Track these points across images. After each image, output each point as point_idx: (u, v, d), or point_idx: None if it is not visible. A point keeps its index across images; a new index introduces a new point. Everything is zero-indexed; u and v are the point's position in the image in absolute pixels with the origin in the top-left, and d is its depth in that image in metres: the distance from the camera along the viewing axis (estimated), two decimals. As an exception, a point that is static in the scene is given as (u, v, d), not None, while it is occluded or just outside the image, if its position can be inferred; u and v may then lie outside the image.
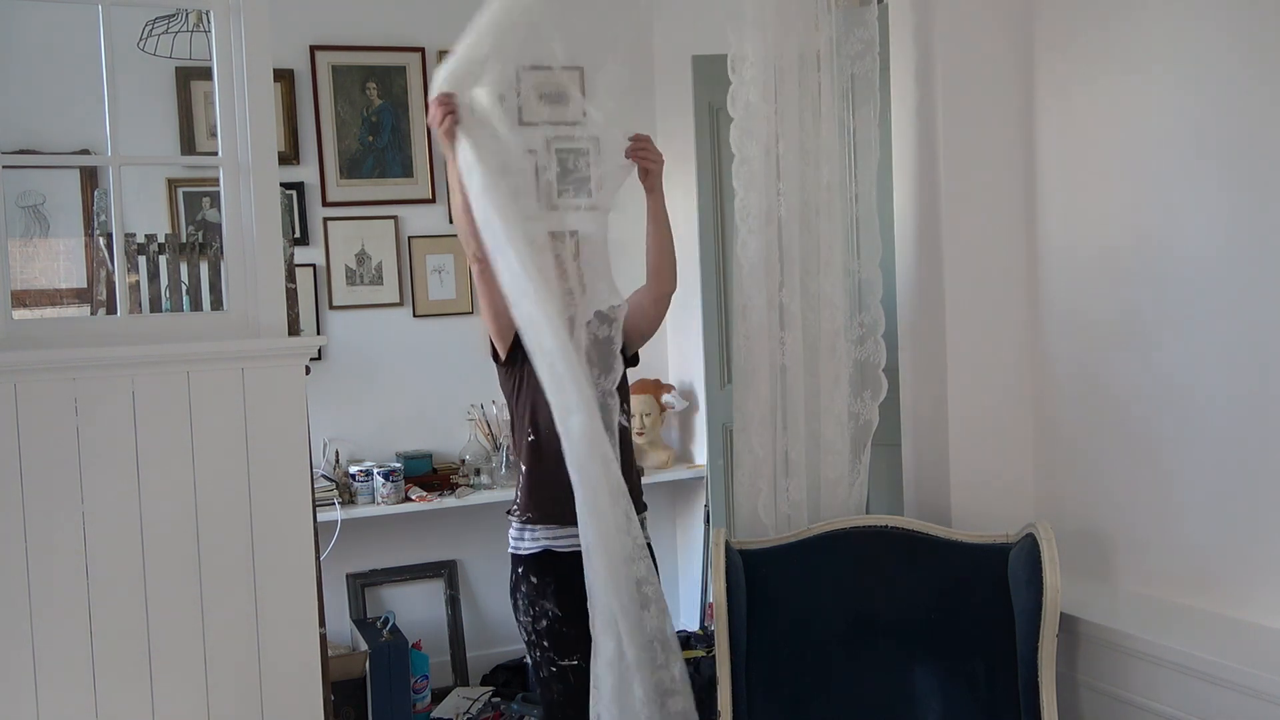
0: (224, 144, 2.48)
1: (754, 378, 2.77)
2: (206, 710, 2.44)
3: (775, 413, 2.78)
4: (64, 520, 2.33)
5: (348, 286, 4.35)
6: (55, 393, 2.32)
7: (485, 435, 4.34)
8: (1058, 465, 2.83)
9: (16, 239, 3.84)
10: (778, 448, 2.79)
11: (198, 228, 4.03)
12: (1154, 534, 2.59)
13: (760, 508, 2.77)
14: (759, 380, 2.76)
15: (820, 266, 2.78)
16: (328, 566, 3.70)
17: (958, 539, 2.65)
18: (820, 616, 2.62)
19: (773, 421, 2.78)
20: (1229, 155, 2.36)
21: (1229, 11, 2.35)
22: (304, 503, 2.53)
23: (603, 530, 2.42)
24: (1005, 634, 2.51)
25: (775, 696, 2.57)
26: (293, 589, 2.51)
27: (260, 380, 2.47)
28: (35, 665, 2.31)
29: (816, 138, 2.75)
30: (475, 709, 4.10)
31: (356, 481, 4.09)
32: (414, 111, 4.39)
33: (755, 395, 2.76)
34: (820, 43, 2.73)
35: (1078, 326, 2.75)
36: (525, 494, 2.79)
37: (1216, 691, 2.23)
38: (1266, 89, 2.28)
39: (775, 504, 2.78)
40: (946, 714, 2.51)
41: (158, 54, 3.62)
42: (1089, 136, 2.69)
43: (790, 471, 2.78)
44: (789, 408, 2.78)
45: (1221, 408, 2.41)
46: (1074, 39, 2.70)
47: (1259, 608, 2.37)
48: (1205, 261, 2.42)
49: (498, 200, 2.41)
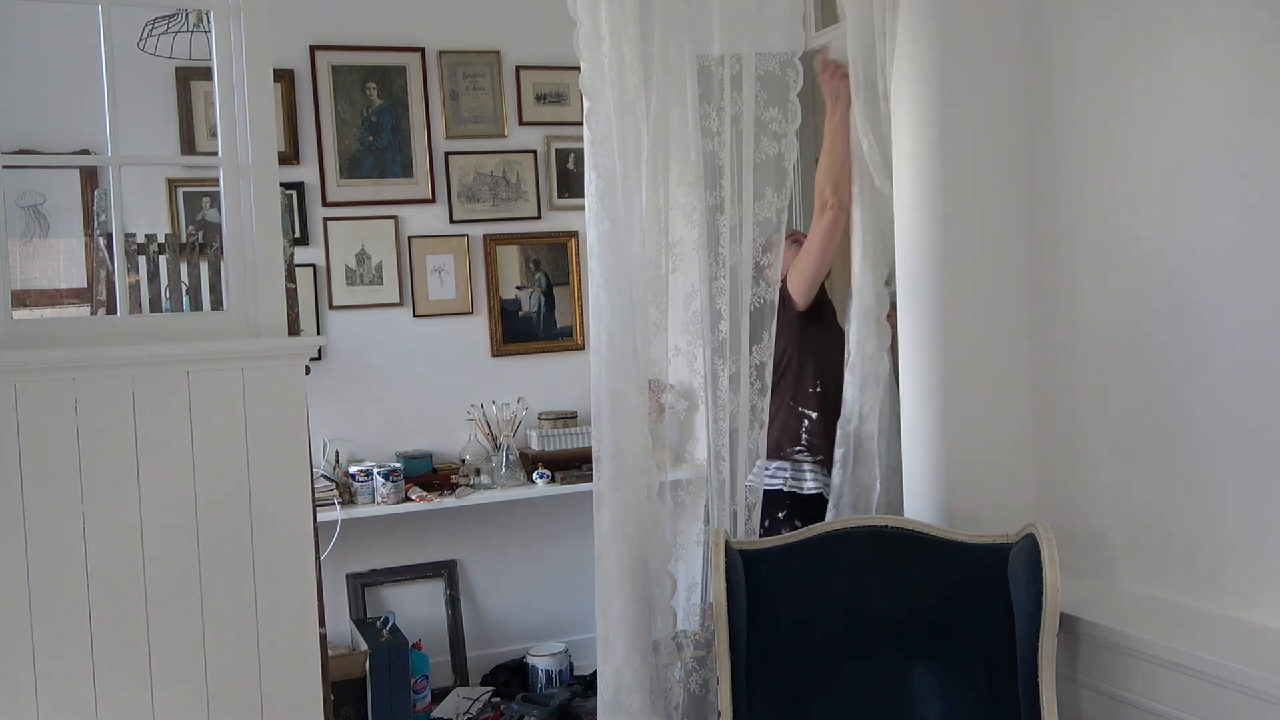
0: (224, 144, 2.48)
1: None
2: (206, 710, 2.44)
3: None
4: (64, 520, 2.33)
5: (348, 286, 4.35)
6: (55, 393, 2.32)
7: (485, 435, 4.35)
8: (1058, 465, 2.83)
9: (16, 239, 3.84)
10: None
11: (198, 228, 4.03)
12: (1154, 534, 2.59)
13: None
14: None
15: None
16: (328, 566, 3.70)
17: (958, 539, 2.65)
18: (820, 616, 2.62)
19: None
20: (1239, 150, 2.36)
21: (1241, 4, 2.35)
22: (304, 503, 2.53)
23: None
24: (1005, 634, 2.51)
25: (775, 697, 2.57)
26: (293, 589, 2.51)
27: (260, 380, 2.47)
28: (35, 665, 2.31)
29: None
30: (475, 709, 4.10)
31: (356, 481, 4.09)
32: (414, 111, 4.39)
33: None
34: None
35: (1078, 326, 2.75)
36: (815, 437, 3.24)
37: (1216, 691, 2.23)
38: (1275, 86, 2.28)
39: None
40: (946, 714, 2.51)
41: (158, 54, 3.62)
42: (1090, 133, 2.68)
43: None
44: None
45: (1222, 408, 2.41)
46: (1082, 28, 2.70)
47: (1260, 608, 2.37)
48: (1209, 261, 2.42)
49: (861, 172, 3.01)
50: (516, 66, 4.54)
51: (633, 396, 2.80)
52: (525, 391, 4.48)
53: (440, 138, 4.45)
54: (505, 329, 4.56)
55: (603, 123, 2.76)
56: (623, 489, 2.80)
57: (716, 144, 2.91)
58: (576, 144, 4.42)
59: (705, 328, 2.95)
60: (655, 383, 2.93)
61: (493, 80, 4.50)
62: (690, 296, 2.96)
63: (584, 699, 4.03)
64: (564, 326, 4.66)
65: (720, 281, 2.94)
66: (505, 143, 4.54)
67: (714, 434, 2.99)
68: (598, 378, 2.80)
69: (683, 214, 2.92)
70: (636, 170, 2.81)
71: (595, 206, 2.78)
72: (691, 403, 4.26)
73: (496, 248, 4.55)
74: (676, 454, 4.39)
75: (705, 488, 3.05)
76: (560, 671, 4.25)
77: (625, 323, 2.79)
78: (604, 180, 2.77)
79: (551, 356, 4.62)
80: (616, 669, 2.79)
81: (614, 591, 2.80)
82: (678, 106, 2.87)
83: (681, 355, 3.01)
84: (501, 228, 4.55)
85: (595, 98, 2.76)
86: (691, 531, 3.14)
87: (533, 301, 4.62)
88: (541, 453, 4.35)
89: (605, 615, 2.81)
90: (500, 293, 4.55)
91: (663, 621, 2.86)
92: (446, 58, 4.44)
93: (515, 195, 4.56)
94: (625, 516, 2.80)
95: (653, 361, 2.88)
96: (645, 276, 2.83)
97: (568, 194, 4.61)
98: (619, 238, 2.78)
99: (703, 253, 2.92)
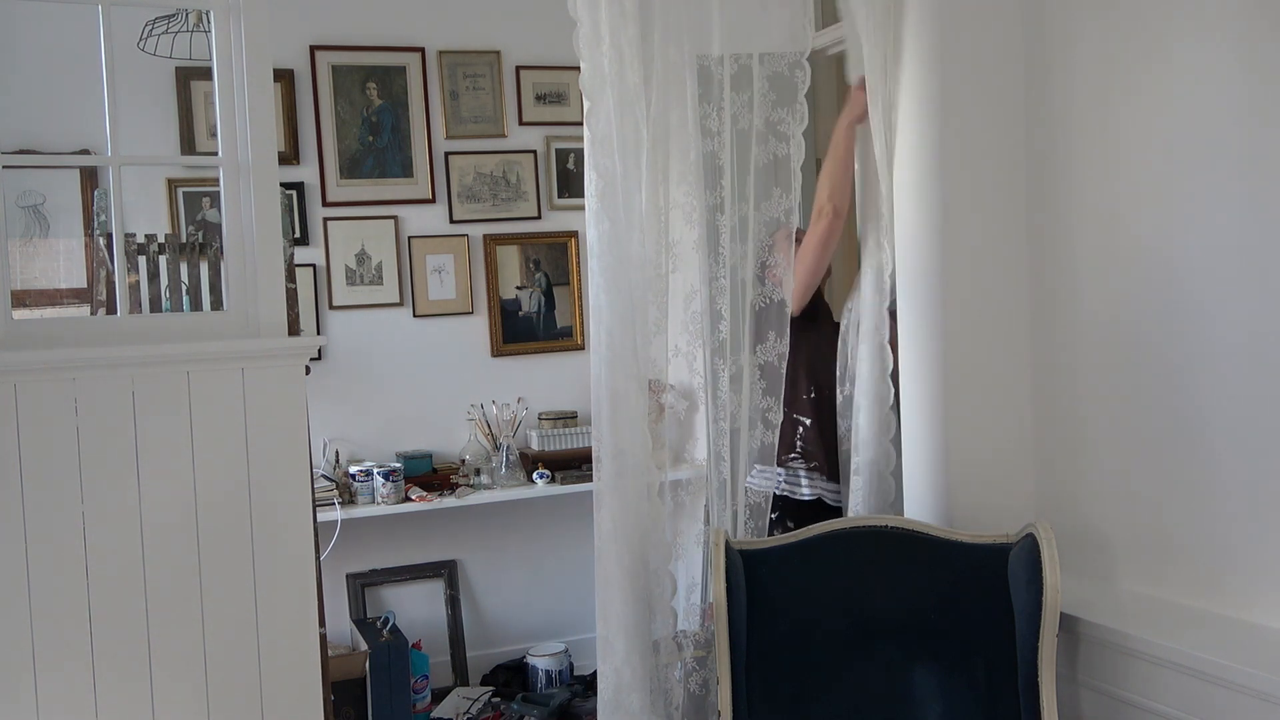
0: (224, 144, 2.48)
1: None
2: (206, 710, 2.44)
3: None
4: (64, 520, 2.33)
5: (348, 286, 4.35)
6: (55, 393, 2.32)
7: (485, 435, 4.35)
8: (1058, 465, 2.83)
9: (16, 239, 3.84)
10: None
11: (198, 228, 4.03)
12: (1154, 534, 2.59)
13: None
14: None
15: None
16: (328, 566, 3.70)
17: (958, 539, 2.65)
18: (820, 617, 2.62)
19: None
20: (1239, 151, 2.36)
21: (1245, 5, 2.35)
22: (304, 503, 2.53)
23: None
24: (1005, 634, 2.51)
25: (775, 697, 2.57)
26: (293, 589, 2.51)
27: (260, 380, 2.47)
28: (35, 665, 2.31)
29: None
30: (475, 709, 4.10)
31: (356, 481, 4.09)
32: (414, 111, 4.39)
33: None
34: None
35: (1078, 326, 2.75)
36: (808, 444, 3.18)
37: (1216, 691, 2.23)
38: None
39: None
40: (946, 714, 2.51)
41: (158, 54, 3.62)
42: (1090, 133, 2.68)
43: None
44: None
45: (1223, 408, 2.41)
46: (1081, 28, 2.70)
47: (1260, 608, 2.36)
48: (1209, 261, 2.42)
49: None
50: (516, 66, 4.54)
51: (633, 396, 2.80)
52: (525, 391, 4.48)
53: (440, 138, 4.45)
54: (505, 329, 4.56)
55: (603, 123, 2.76)
56: (623, 489, 2.80)
57: (716, 144, 2.91)
58: (576, 144, 4.42)
59: (705, 328, 2.95)
60: (655, 383, 2.93)
61: (493, 80, 4.50)
62: (690, 296, 2.96)
63: (584, 699, 4.03)
64: (564, 326, 4.66)
65: (720, 281, 2.94)
66: (505, 143, 4.54)
67: (714, 434, 2.99)
68: (598, 378, 2.80)
69: (682, 214, 2.93)
70: (636, 170, 2.81)
71: (595, 206, 2.78)
72: (691, 403, 4.26)
73: (496, 248, 4.55)
74: (676, 454, 4.39)
75: (705, 488, 3.05)
76: (560, 671, 4.25)
77: (625, 323, 2.80)
78: (604, 180, 2.77)
79: (551, 356, 4.62)
80: (616, 669, 2.79)
81: (614, 591, 2.80)
82: (677, 106, 2.87)
83: (681, 355, 3.01)
84: (501, 228, 4.56)
85: (595, 98, 2.76)
86: (691, 531, 3.14)
87: (533, 301, 4.62)
88: (541, 453, 4.35)
89: (605, 615, 2.82)
90: (500, 293, 4.55)
91: (663, 621, 2.86)
92: (446, 58, 4.44)
93: (515, 195, 4.56)
94: (625, 516, 2.80)
95: (653, 361, 2.88)
96: (645, 276, 2.83)
97: (568, 194, 4.61)
98: (619, 238, 2.78)
99: (702, 253, 2.92)
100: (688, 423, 4.31)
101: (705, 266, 2.93)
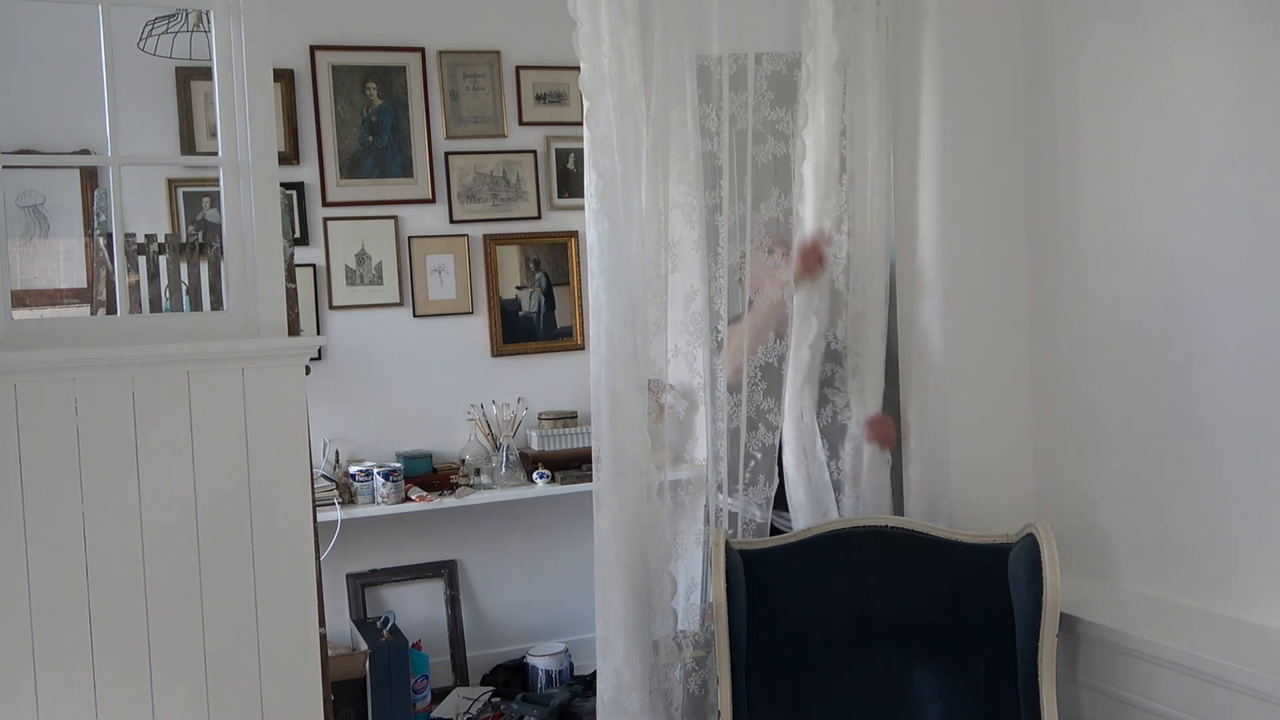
0: (224, 144, 2.48)
1: None
2: (206, 710, 2.44)
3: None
4: (64, 520, 2.33)
5: (348, 286, 4.35)
6: (55, 393, 2.32)
7: (485, 435, 4.34)
8: (1058, 465, 2.83)
9: (16, 239, 3.84)
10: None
11: (198, 228, 4.03)
12: (1155, 534, 2.59)
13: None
14: None
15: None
16: (328, 566, 3.70)
17: (958, 539, 2.65)
18: (820, 616, 2.62)
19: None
20: (1239, 151, 2.36)
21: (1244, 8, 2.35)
22: (304, 503, 2.53)
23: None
24: (1005, 634, 2.51)
25: (775, 697, 2.57)
26: (293, 589, 2.51)
27: (260, 380, 2.47)
28: (35, 665, 2.31)
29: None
30: (475, 709, 4.10)
31: (356, 481, 4.09)
32: (414, 111, 4.39)
33: None
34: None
35: (1078, 326, 2.75)
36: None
37: (1216, 691, 2.23)
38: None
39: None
40: (946, 714, 2.51)
41: (158, 54, 3.62)
42: (1090, 133, 2.69)
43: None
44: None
45: (1223, 408, 2.41)
46: (1082, 31, 2.70)
47: (1260, 608, 2.37)
48: (1209, 261, 2.42)
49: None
50: (516, 66, 4.54)
51: (632, 396, 2.80)
52: (525, 391, 4.48)
53: (440, 138, 4.45)
54: (505, 329, 4.56)
55: (602, 123, 2.76)
56: (622, 489, 2.81)
57: (716, 144, 2.91)
58: (576, 144, 4.42)
59: (705, 328, 2.95)
60: (655, 383, 2.93)
61: (493, 80, 4.50)
62: (690, 297, 2.96)
63: (584, 699, 4.03)
64: (564, 326, 4.66)
65: (720, 282, 2.94)
66: (505, 143, 4.54)
67: (713, 434, 2.99)
68: (598, 378, 2.80)
69: (682, 214, 2.92)
70: (636, 170, 2.81)
71: (595, 206, 2.78)
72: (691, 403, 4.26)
73: (496, 248, 4.55)
74: (676, 454, 4.38)
75: (705, 488, 3.04)
76: (560, 671, 4.25)
77: (625, 323, 2.80)
78: (604, 180, 2.77)
79: (551, 356, 4.62)
80: (616, 669, 2.79)
81: (614, 591, 2.80)
82: (677, 106, 2.87)
83: (681, 355, 3.01)
84: (501, 228, 4.55)
85: (595, 98, 2.76)
86: (691, 531, 3.14)
87: (533, 301, 4.61)
88: (541, 453, 4.35)
89: (605, 615, 2.82)
90: (500, 293, 4.55)
91: (663, 621, 2.86)
92: (446, 58, 4.44)
93: (515, 195, 4.56)
94: (625, 516, 2.81)
95: (652, 362, 2.88)
96: (645, 276, 2.83)
97: (568, 194, 4.61)
98: (619, 238, 2.78)
99: (702, 253, 2.92)
100: (687, 423, 4.31)
101: (705, 266, 2.93)
